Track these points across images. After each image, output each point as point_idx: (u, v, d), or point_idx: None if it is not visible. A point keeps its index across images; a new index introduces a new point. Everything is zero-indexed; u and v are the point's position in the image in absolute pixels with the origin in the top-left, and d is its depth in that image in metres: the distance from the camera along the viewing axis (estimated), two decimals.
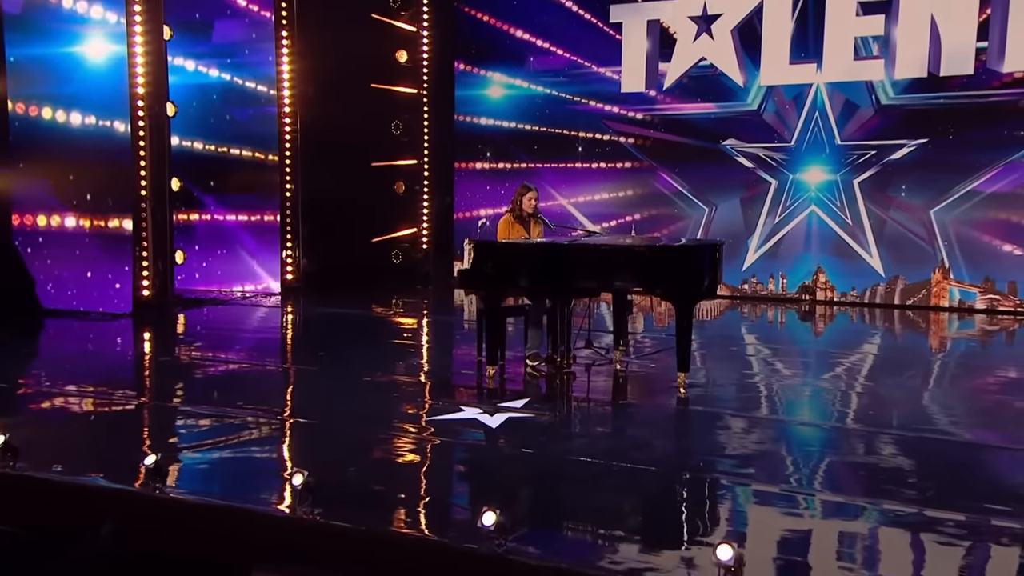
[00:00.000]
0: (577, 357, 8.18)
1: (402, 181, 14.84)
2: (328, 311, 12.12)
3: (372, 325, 11.21)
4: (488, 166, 14.51)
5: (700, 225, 13.26)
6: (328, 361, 8.66)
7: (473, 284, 7.59)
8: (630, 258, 7.08)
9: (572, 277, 7.24)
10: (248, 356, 9.20)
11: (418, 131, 14.89)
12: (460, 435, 5.95)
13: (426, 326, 11.43)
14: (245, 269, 13.45)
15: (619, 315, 8.18)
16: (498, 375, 7.67)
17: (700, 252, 7.07)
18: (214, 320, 11.55)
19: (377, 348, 9.32)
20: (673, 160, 13.32)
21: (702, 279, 7.00)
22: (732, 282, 13.18)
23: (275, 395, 7.14)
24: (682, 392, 7.07)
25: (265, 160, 13.39)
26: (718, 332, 10.81)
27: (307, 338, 10.70)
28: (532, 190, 8.10)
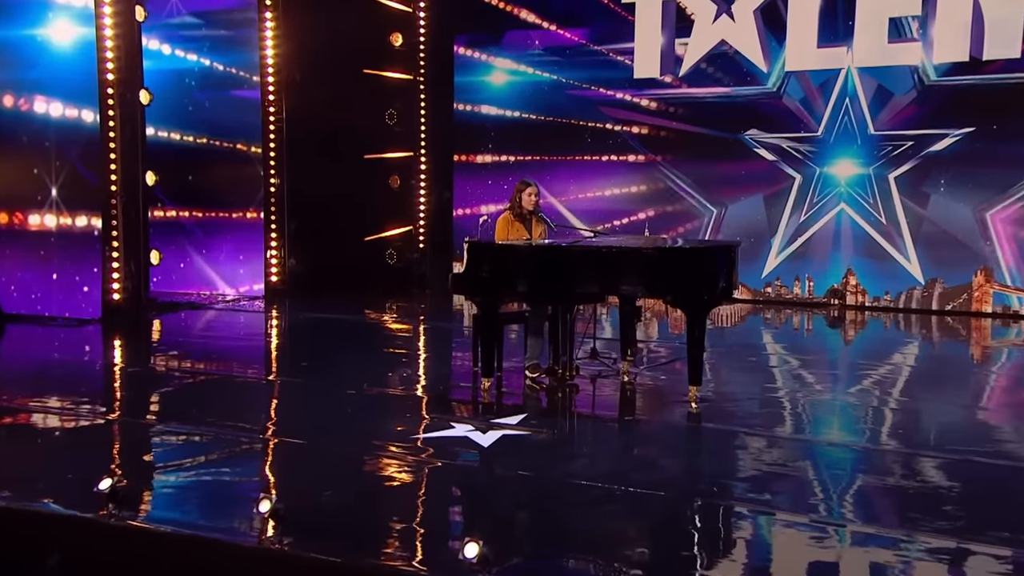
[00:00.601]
0: (581, 368, 8.12)
1: (397, 175, 14.77)
2: (315, 316, 12.07)
3: (363, 332, 11.16)
4: (490, 159, 14.45)
5: (712, 224, 13.21)
6: (312, 372, 8.62)
7: (468, 289, 7.53)
8: (636, 261, 7.01)
9: (574, 281, 7.18)
10: (227, 366, 9.15)
11: (414, 121, 14.82)
12: (448, 455, 5.88)
13: (421, 333, 11.38)
14: (226, 270, 13.43)
15: (626, 322, 8.10)
16: (495, 388, 7.62)
17: (713, 254, 7.00)
18: (191, 326, 11.51)
19: (367, 357, 9.28)
20: (689, 152, 13.26)
21: (715, 284, 6.92)
22: (754, 285, 13.12)
23: (252, 410, 7.09)
24: (694, 407, 7.00)
25: (248, 152, 13.36)
26: (737, 340, 10.74)
27: (292, 346, 10.66)
28: (532, 186, 8.04)
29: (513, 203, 8.05)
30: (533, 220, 8.09)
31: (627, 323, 8.11)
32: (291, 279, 13.74)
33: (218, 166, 13.29)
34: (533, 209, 8.03)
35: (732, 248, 7.15)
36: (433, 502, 5.27)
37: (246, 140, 13.33)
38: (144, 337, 10.76)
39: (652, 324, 11.54)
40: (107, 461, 5.82)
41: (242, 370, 8.99)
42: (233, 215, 13.43)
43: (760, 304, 13.08)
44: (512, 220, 8.04)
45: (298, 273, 13.86)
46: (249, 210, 13.43)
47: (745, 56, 12.87)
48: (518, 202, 8.02)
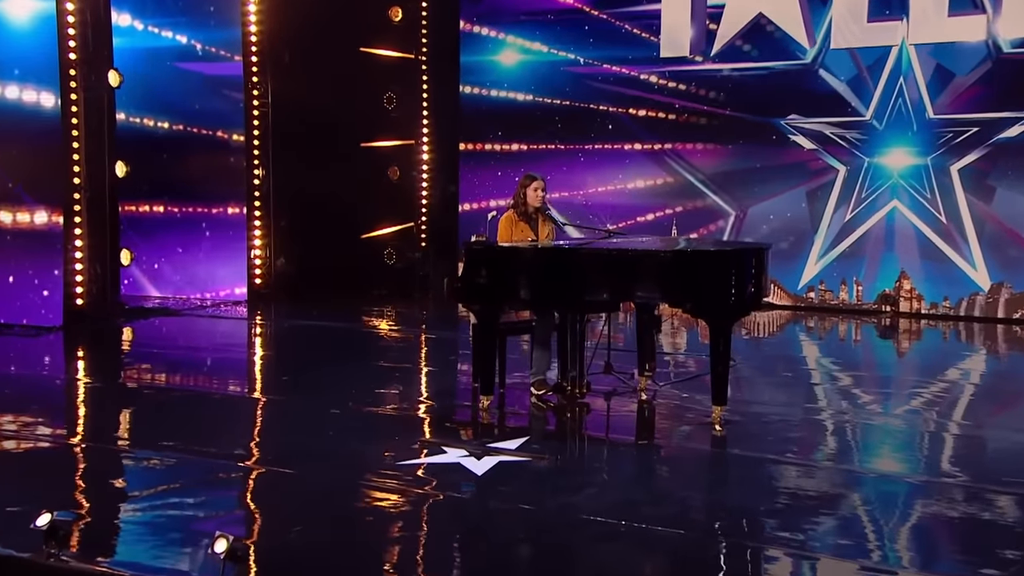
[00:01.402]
0: (592, 385, 8.06)
1: (396, 166, 14.73)
2: (303, 324, 12.07)
3: (355, 341, 11.15)
4: (499, 148, 14.40)
5: (744, 222, 13.15)
6: (294, 388, 8.60)
7: (465, 296, 7.50)
8: (651, 265, 6.95)
9: (582, 288, 7.14)
10: (202, 381, 9.14)
11: (415, 105, 14.78)
12: (436, 484, 5.83)
13: (421, 343, 11.35)
14: (205, 272, 13.44)
15: (644, 333, 8.05)
16: (496, 407, 7.57)
17: (740, 258, 6.92)
18: (165, 335, 11.52)
19: (356, 371, 9.25)
20: (721, 140, 13.19)
21: (742, 291, 6.84)
22: (794, 290, 13.06)
23: (225, 432, 7.06)
24: (718, 430, 6.93)
25: (229, 140, 13.37)
26: (773, 352, 10.66)
27: (275, 358, 10.65)
28: (539, 180, 7.99)
29: (517, 200, 8.01)
30: (540, 219, 8.05)
31: (645, 334, 8.06)
32: (278, 281, 13.74)
33: (196, 156, 13.30)
34: (540, 207, 7.98)
35: (762, 251, 7.07)
36: (414, 540, 5.21)
37: (227, 127, 13.32)
38: (111, 347, 10.76)
39: (679, 333, 11.48)
40: (59, 491, 5.79)
41: (218, 386, 8.98)
42: (213, 210, 13.43)
43: (801, 311, 12.98)
44: (516, 220, 8.00)
45: (286, 275, 13.86)
46: (231, 205, 13.43)
47: (785, 31, 12.78)
48: (522, 199, 7.97)
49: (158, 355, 10.25)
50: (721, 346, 6.89)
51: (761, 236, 12.80)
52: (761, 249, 7.11)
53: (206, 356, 10.33)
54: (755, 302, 7.06)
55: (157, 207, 13.17)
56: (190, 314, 12.57)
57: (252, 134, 13.38)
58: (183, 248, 13.26)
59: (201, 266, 13.40)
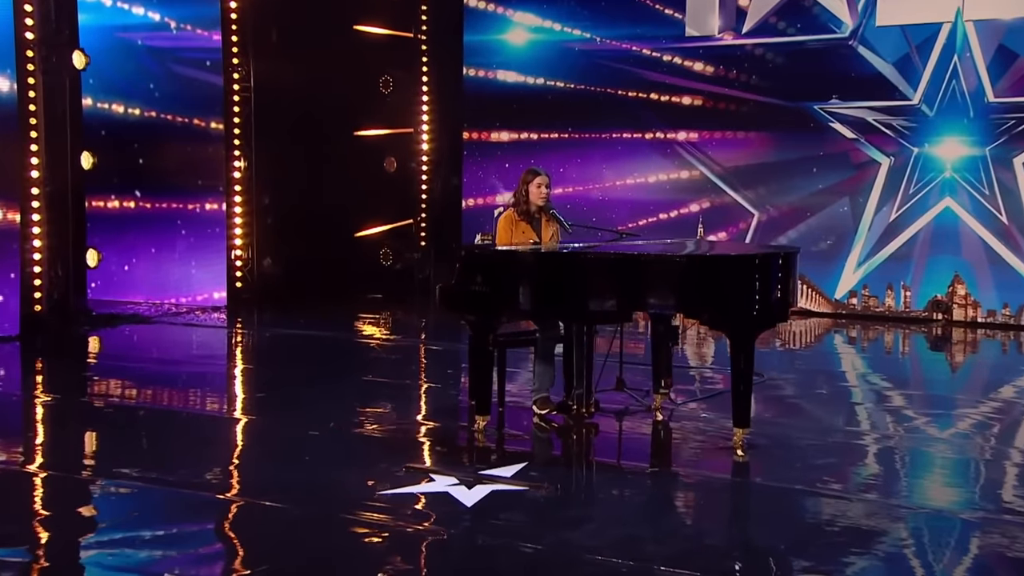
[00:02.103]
0: (601, 403, 8.01)
1: (393, 157, 14.74)
2: (288, 332, 12.05)
3: (344, 352, 11.13)
4: (507, 137, 14.38)
5: (775, 219, 13.14)
6: (272, 406, 8.57)
7: (458, 305, 7.45)
8: (665, 270, 6.89)
9: (590, 296, 7.07)
10: (173, 398, 9.12)
11: (414, 90, 14.80)
12: (419, 517, 5.78)
13: (420, 354, 11.33)
14: (180, 274, 13.44)
15: (660, 345, 8.00)
16: (495, 428, 7.54)
17: (763, 263, 6.86)
18: (135, 345, 11.52)
19: (343, 387, 9.22)
20: (752, 128, 13.15)
21: (766, 300, 6.78)
22: (834, 295, 13.01)
23: (191, 457, 7.02)
24: (740, 455, 6.88)
25: (207, 128, 13.36)
26: (809, 365, 10.59)
27: (255, 372, 10.62)
28: (542, 175, 7.94)
29: (518, 198, 7.97)
30: (543, 219, 8.01)
31: (660, 347, 8.01)
32: (261, 285, 13.72)
33: (171, 146, 13.31)
34: (543, 205, 7.93)
35: (789, 256, 7.01)
36: None
37: (205, 113, 13.33)
38: (74, 360, 10.73)
39: (706, 343, 11.42)
40: (10, 524, 5.76)
41: (190, 403, 8.96)
42: (190, 206, 13.44)
43: (842, 319, 12.92)
44: (516, 219, 7.96)
45: (272, 277, 13.85)
46: (209, 200, 13.42)
47: (824, 6, 12.74)
48: (524, 197, 7.93)
49: (127, 368, 10.24)
50: (743, 362, 6.84)
51: (796, 237, 12.77)
52: (789, 253, 7.04)
53: (179, 369, 10.31)
54: (781, 312, 6.98)
55: (127, 202, 13.16)
56: (163, 321, 12.56)
57: (232, 121, 13.36)
58: (156, 248, 13.27)
59: (176, 268, 13.40)
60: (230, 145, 13.40)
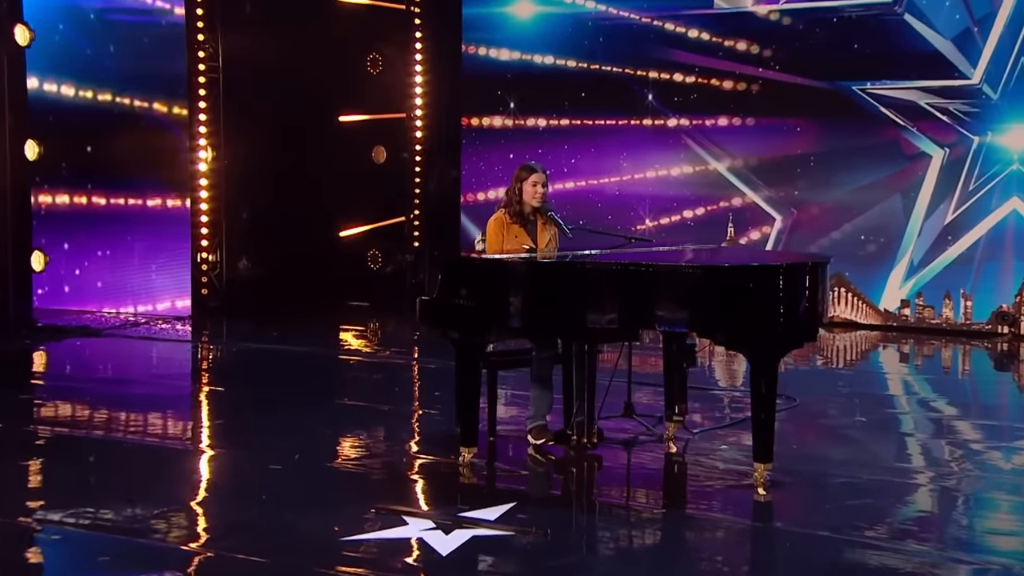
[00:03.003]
0: (605, 432, 7.97)
1: (383, 146, 14.77)
2: (260, 347, 12.04)
3: (322, 370, 11.14)
4: (512, 123, 14.39)
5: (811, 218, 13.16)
6: (233, 435, 8.59)
7: (441, 321, 7.42)
8: (676, 283, 6.84)
9: (590, 311, 7.02)
10: (124, 425, 9.08)
11: (406, 69, 14.83)
12: (385, 568, 5.75)
13: (411, 372, 11.32)
14: (138, 280, 13.45)
15: (673, 367, 7.96)
16: (487, 460, 7.58)
17: (788, 275, 6.81)
18: (86, 361, 11.54)
19: (317, 411, 9.22)
20: (787, 114, 13.15)
21: (791, 318, 6.73)
22: (884, 305, 12.99)
23: (135, 494, 6.98)
24: (761, 494, 6.82)
25: (170, 114, 13.36)
26: (852, 386, 10.51)
27: (218, 395, 10.57)
28: (538, 172, 7.90)
29: (511, 198, 7.92)
30: (539, 222, 7.96)
31: (674, 368, 7.97)
32: (231, 292, 13.73)
33: (128, 133, 13.32)
34: (539, 206, 7.89)
35: (818, 265, 6.96)
36: None
37: (168, 96, 13.33)
38: (15, 378, 10.73)
39: (737, 360, 11.35)
40: None
41: (142, 431, 8.90)
42: (149, 202, 13.45)
43: (893, 332, 12.87)
44: (508, 222, 7.92)
45: (244, 282, 13.87)
46: (171, 195, 13.43)
47: None
48: (517, 196, 7.88)
49: (75, 389, 10.23)
50: (764, 387, 6.78)
51: (839, 238, 12.82)
52: (818, 263, 6.98)
53: (134, 390, 10.27)
54: (809, 331, 6.94)
55: (79, 198, 13.17)
56: (118, 334, 12.58)
57: (198, 106, 13.39)
58: (111, 250, 13.28)
59: (134, 273, 13.42)
60: (195, 133, 13.44)
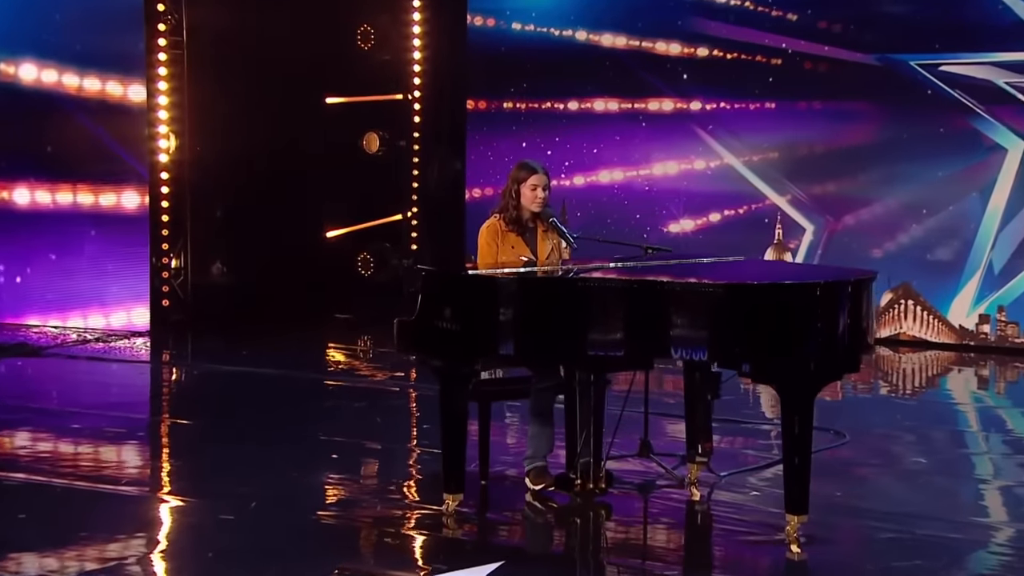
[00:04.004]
0: (616, 475, 7.93)
1: (376, 132, 14.80)
2: (229, 369, 12.06)
3: (299, 397, 11.14)
4: (525, 107, 14.41)
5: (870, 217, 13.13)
6: (183, 477, 8.58)
7: (421, 347, 7.47)
8: (693, 303, 6.79)
9: (593, 337, 6.98)
10: (61, 463, 9.05)
11: (404, 44, 14.90)
12: None
13: (408, 400, 11.31)
14: (89, 288, 13.49)
15: (696, 398, 7.93)
16: (477, 508, 7.57)
17: (827, 295, 6.76)
18: (23, 385, 11.53)
19: (287, 446, 9.22)
20: (845, 97, 13.15)
21: (829, 344, 6.69)
22: (957, 320, 12.94)
23: (63, 549, 7.02)
24: (794, 552, 6.77)
25: (125, 95, 13.38)
26: (916, 418, 10.47)
27: (173, 428, 10.56)
28: (539, 173, 7.82)
29: (506, 201, 7.85)
30: (540, 230, 7.93)
31: (697, 400, 7.93)
32: (197, 303, 13.74)
33: (78, 119, 13.32)
34: (540, 212, 7.85)
35: (862, 283, 6.91)
36: None
37: (123, 73, 13.35)
38: None
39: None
40: None
41: (81, 471, 8.86)
42: (102, 199, 13.45)
43: (970, 352, 12.82)
44: (504, 230, 7.85)
45: (218, 289, 13.90)
46: (127, 190, 13.45)
47: None
48: (514, 200, 7.82)
49: (7, 420, 10.19)
50: (797, 427, 6.71)
51: (906, 242, 12.80)
52: (862, 280, 6.94)
53: (77, 422, 10.21)
54: (850, 360, 6.88)
55: (19, 192, 13.19)
56: (64, 354, 12.59)
57: (157, 88, 13.39)
58: (57, 255, 13.30)
59: (84, 281, 13.44)
60: (155, 119, 13.42)
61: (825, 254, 13.11)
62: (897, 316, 12.82)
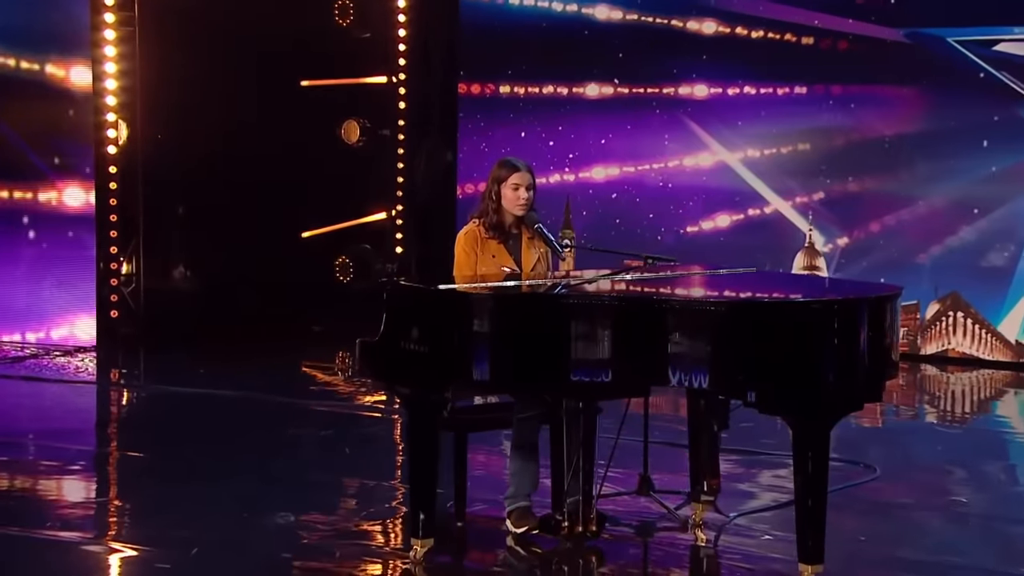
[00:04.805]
0: (608, 517, 7.87)
1: (357, 119, 14.90)
2: (184, 391, 12.06)
3: (260, 422, 11.17)
4: (524, 91, 14.53)
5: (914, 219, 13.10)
6: (122, 519, 8.62)
7: (385, 372, 7.46)
8: (691, 323, 6.74)
9: (583, 361, 6.93)
10: None
11: (388, 20, 15.00)
12: None
13: (381, 427, 11.32)
14: (26, 297, 13.56)
15: (700, 430, 7.94)
16: (452, 553, 7.56)
17: (844, 314, 6.73)
18: None
19: (239, 482, 9.25)
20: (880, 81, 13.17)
21: (847, 371, 6.66)
22: (1013, 335, 12.96)
23: None
24: None
25: (67, 78, 13.41)
26: (960, 449, 10.47)
27: (117, 460, 10.58)
28: (522, 171, 7.80)
29: (486, 205, 7.85)
30: (524, 237, 7.92)
31: (701, 431, 7.93)
32: (150, 314, 13.76)
33: (12, 104, 13.40)
34: (523, 217, 7.85)
35: (884, 301, 6.89)
36: None
37: (64, 53, 13.40)
38: None
39: None
40: None
41: (4, 516, 8.91)
42: (41, 196, 13.51)
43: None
44: (483, 237, 7.85)
45: (179, 297, 13.94)
46: (70, 185, 13.49)
47: None
48: (494, 203, 7.82)
49: None
50: (811, 465, 6.68)
51: (956, 245, 12.84)
52: (883, 297, 6.93)
53: (7, 453, 10.26)
54: (872, 388, 6.85)
55: None
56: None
57: (104, 69, 13.40)
58: None
59: (20, 289, 13.48)
60: (102, 104, 13.45)
61: (862, 260, 13.17)
62: (944, 330, 12.82)
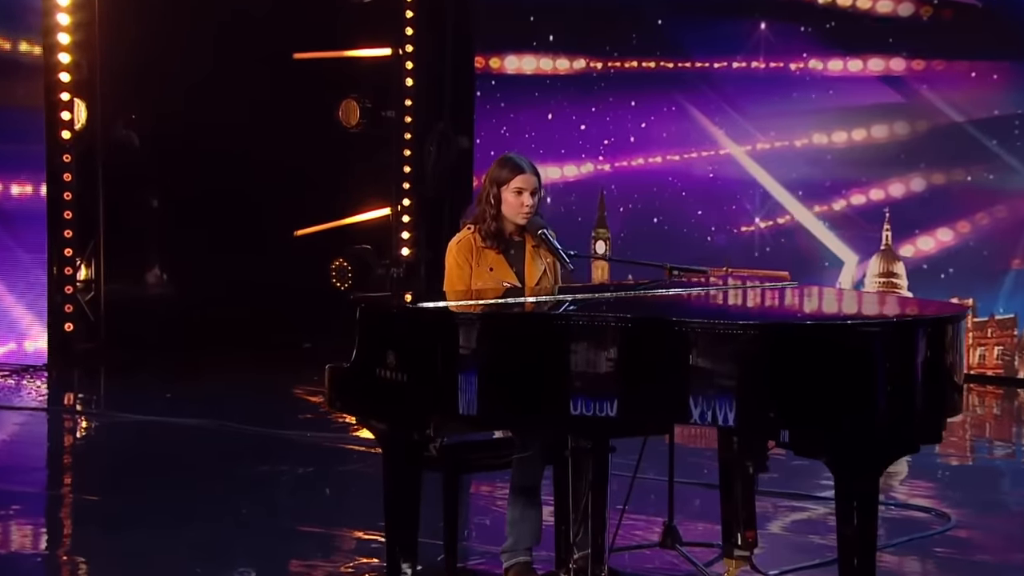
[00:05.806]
0: (623, 574, 7.91)
1: (356, 98, 14.97)
2: (146, 419, 12.11)
3: (232, 457, 11.25)
4: (550, 68, 14.62)
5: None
6: (72, 571, 8.71)
7: (357, 405, 7.55)
8: (714, 349, 6.70)
9: (588, 393, 6.91)
10: None
11: None
12: None
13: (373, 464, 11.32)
14: None
15: (733, 474, 7.93)
16: None
17: (898, 339, 6.71)
18: None
19: (199, 530, 9.28)
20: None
21: (902, 407, 6.62)
22: None
23: None
24: None
25: (16, 53, 13.49)
26: None
27: (69, 501, 10.64)
28: (526, 172, 7.81)
29: (483, 210, 7.86)
30: (528, 246, 7.92)
31: (734, 475, 7.93)
32: (111, 328, 13.82)
33: None
34: (527, 224, 7.84)
35: (946, 323, 6.84)
36: None
37: (12, 30, 13.53)
38: None
39: None
40: None
41: None
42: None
43: None
44: (480, 246, 7.86)
45: (143, 306, 14.00)
46: (18, 180, 13.61)
47: None
48: (493, 208, 7.82)
49: None
50: (857, 517, 6.65)
51: None
52: (944, 318, 6.87)
53: None
54: (931, 427, 6.83)
55: None
56: None
57: (57, 41, 13.46)
58: None
59: None
60: (55, 82, 13.48)
61: (949, 264, 13.22)
62: None
